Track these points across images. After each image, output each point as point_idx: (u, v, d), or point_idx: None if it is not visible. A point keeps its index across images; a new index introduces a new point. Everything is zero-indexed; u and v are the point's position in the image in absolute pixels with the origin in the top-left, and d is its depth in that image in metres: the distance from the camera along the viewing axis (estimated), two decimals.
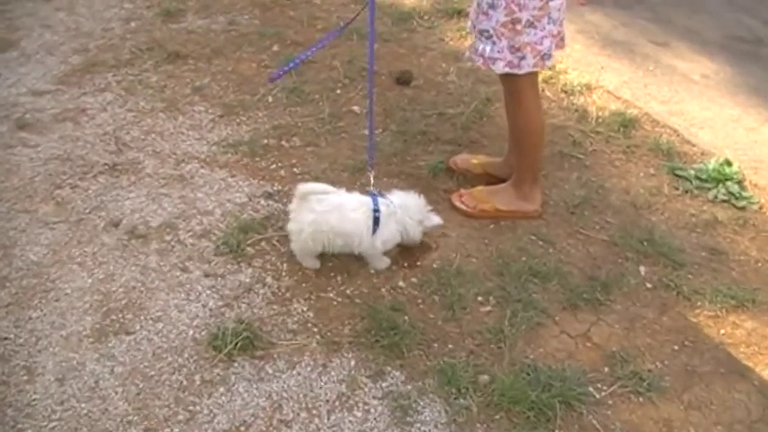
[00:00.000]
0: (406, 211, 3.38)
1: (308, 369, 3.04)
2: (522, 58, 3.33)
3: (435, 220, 3.45)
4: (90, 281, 3.40)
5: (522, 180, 3.74)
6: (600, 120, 4.45)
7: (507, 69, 3.36)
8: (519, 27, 3.26)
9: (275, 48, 5.00)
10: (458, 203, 3.79)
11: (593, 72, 4.91)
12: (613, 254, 3.61)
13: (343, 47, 4.81)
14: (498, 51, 3.33)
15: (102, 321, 3.22)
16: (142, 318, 3.24)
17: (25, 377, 3.00)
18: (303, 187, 3.28)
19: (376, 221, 3.30)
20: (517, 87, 3.49)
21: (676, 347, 3.20)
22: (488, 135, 4.29)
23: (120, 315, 3.25)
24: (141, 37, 5.16)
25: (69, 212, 3.75)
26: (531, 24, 3.26)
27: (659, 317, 3.32)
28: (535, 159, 3.73)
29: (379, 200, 3.35)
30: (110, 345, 3.12)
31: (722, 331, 3.28)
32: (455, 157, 4.04)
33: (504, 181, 3.82)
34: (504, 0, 3.21)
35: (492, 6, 3.26)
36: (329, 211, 3.26)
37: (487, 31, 3.32)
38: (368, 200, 3.35)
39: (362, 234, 3.30)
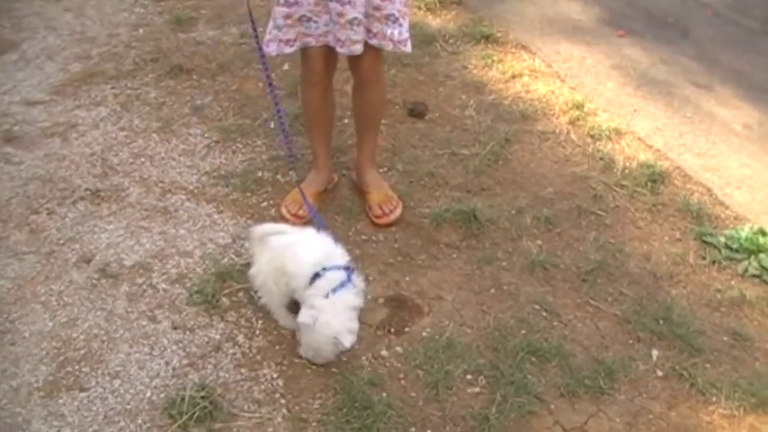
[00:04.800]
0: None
1: None
2: None
3: (346, 341, 2.87)
4: (51, 324, 3.16)
5: (374, 155, 3.84)
6: (626, 171, 4.08)
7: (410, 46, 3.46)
8: (409, 4, 3.42)
9: (286, 66, 4.68)
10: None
11: (624, 115, 4.52)
12: (625, 332, 3.26)
13: None
14: (406, 31, 3.37)
15: (57, 373, 2.97)
16: (99, 372, 2.98)
17: None
18: (259, 229, 3.04)
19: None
20: (382, 66, 3.64)
21: None
22: (502, 182, 3.95)
23: (76, 367, 3.00)
24: (147, 46, 4.90)
25: (42, 242, 3.52)
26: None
27: (667, 411, 2.97)
28: None
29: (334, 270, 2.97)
30: (60, 401, 2.88)
31: None
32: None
33: None
34: None
35: None
36: (286, 247, 2.99)
37: (393, 15, 3.28)
38: (335, 251, 3.04)
39: (301, 283, 2.96)
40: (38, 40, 4.97)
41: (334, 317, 2.84)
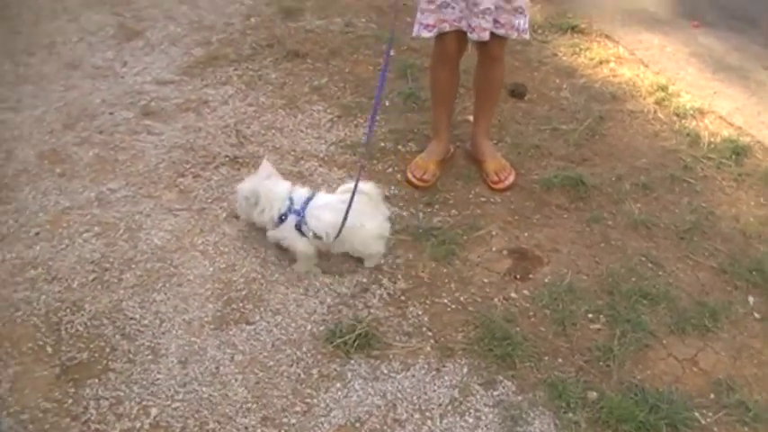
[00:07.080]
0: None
1: (422, 372, 3.14)
2: None
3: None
4: (212, 269, 3.53)
5: (489, 128, 4.26)
6: (712, 145, 4.47)
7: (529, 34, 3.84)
8: None
9: (391, 52, 5.06)
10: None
11: (705, 96, 4.91)
12: (722, 281, 3.65)
13: None
14: (527, 21, 3.75)
15: (223, 309, 3.34)
16: (262, 309, 3.35)
17: (150, 357, 3.13)
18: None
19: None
20: (505, 47, 3.95)
21: None
22: (601, 153, 4.35)
23: (240, 305, 3.37)
24: (261, 33, 5.31)
25: (192, 201, 3.89)
26: None
27: (767, 348, 3.35)
28: None
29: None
30: (230, 333, 3.25)
31: None
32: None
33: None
34: None
35: None
36: None
37: (521, 8, 3.68)
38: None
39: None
40: (159, 28, 5.36)
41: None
